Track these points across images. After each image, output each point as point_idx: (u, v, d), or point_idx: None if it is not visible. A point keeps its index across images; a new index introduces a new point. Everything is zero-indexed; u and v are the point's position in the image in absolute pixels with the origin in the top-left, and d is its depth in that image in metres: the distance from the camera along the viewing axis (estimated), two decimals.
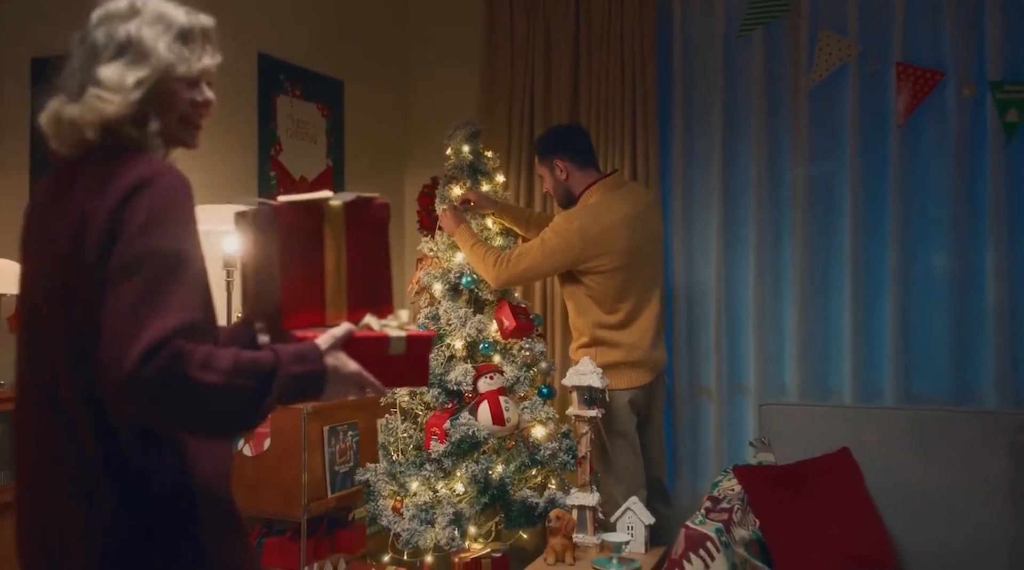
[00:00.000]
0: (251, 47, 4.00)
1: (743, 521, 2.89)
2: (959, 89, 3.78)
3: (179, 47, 1.59)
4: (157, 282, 1.35)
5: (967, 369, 3.75)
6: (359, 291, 1.74)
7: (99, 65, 1.53)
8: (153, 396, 1.32)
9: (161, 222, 1.40)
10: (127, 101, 1.51)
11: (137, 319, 1.32)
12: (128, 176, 1.44)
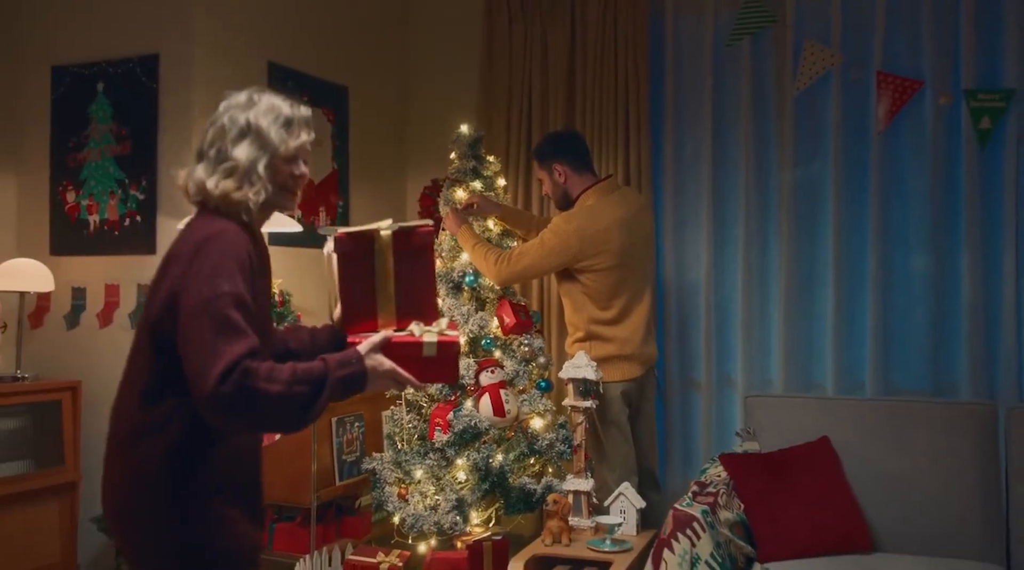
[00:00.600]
0: (261, 56, 4.17)
1: (728, 504, 3.08)
2: (936, 97, 3.97)
3: (284, 133, 1.98)
4: (223, 319, 1.76)
5: (943, 364, 3.95)
6: (406, 303, 2.10)
7: (227, 145, 1.94)
8: (231, 407, 1.73)
9: (221, 271, 1.80)
10: (246, 175, 1.93)
11: (213, 348, 1.73)
12: (202, 230, 1.88)
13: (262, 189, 1.93)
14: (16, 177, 4.18)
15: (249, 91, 2.03)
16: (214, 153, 1.95)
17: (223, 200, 1.91)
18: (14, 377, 3.74)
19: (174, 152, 3.83)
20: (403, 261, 2.10)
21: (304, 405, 1.80)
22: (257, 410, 1.76)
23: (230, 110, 1.99)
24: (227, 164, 1.92)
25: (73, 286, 4.03)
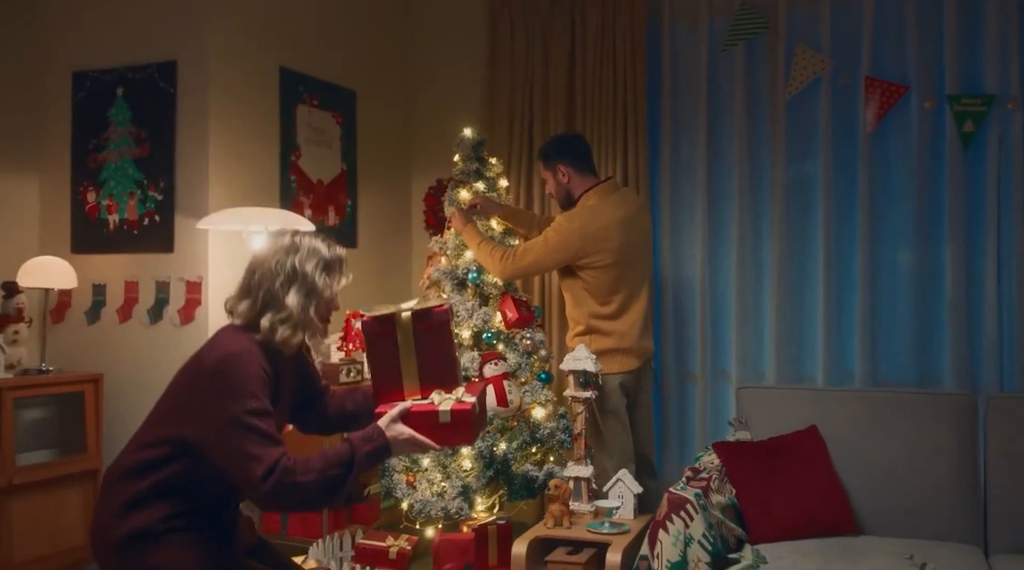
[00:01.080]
0: (273, 61, 4.34)
1: (720, 489, 3.24)
2: (921, 101, 4.13)
3: (327, 277, 2.27)
4: (254, 429, 2.04)
5: (928, 356, 4.11)
6: (427, 375, 2.33)
7: (276, 288, 2.20)
8: (277, 501, 2.05)
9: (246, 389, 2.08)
10: (300, 323, 2.21)
11: (253, 455, 2.02)
12: (220, 349, 2.14)
13: (315, 332, 2.27)
14: (39, 178, 4.34)
15: (291, 234, 2.28)
16: (263, 294, 2.20)
17: (281, 341, 2.18)
18: (39, 370, 3.90)
19: (191, 154, 4.00)
20: (422, 338, 2.33)
21: (338, 484, 2.10)
22: (301, 498, 2.07)
23: (276, 254, 2.23)
24: (283, 313, 2.18)
25: (93, 283, 4.20)
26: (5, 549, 3.60)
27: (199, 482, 2.14)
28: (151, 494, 2.10)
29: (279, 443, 2.07)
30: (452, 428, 2.25)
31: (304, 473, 2.05)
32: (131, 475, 2.13)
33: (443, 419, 2.24)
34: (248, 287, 2.23)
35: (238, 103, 4.13)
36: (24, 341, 3.87)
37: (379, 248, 5.08)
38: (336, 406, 2.51)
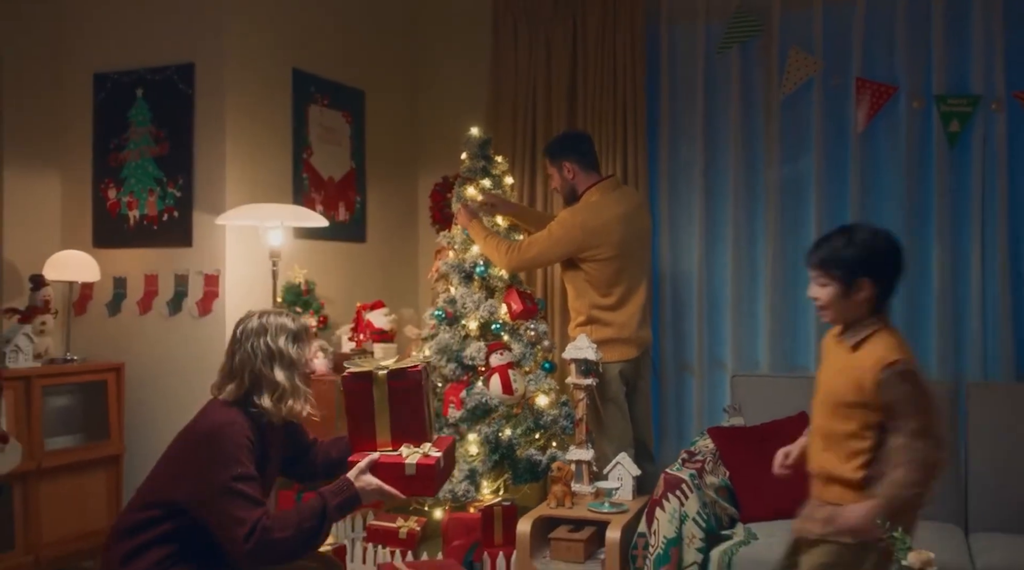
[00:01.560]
0: (286, 63, 4.50)
1: (714, 470, 3.43)
2: (910, 102, 4.27)
3: (298, 348, 2.49)
4: (239, 494, 2.26)
5: (915, 345, 4.16)
6: (398, 430, 2.55)
7: (259, 368, 2.43)
8: (259, 558, 2.26)
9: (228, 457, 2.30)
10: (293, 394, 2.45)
11: (238, 518, 2.24)
12: (209, 420, 2.40)
13: (304, 399, 2.48)
14: (61, 176, 4.51)
15: (258, 316, 2.50)
16: (248, 375, 2.42)
17: (288, 414, 2.44)
18: (64, 359, 4.07)
19: (208, 153, 4.16)
20: (396, 396, 2.55)
21: (314, 536, 2.35)
22: (279, 553, 2.30)
23: (249, 338, 2.46)
24: (278, 391, 2.42)
25: (114, 276, 4.37)
26: (34, 529, 3.77)
27: (190, 536, 2.35)
28: (146, 546, 2.33)
29: (261, 504, 2.30)
30: (417, 479, 2.46)
31: (281, 529, 2.28)
32: (129, 533, 2.37)
33: (409, 471, 2.45)
34: (231, 370, 2.46)
35: (253, 103, 4.29)
36: (50, 332, 4.04)
37: (387, 243, 5.24)
38: (323, 455, 2.74)
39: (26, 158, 4.35)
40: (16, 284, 4.26)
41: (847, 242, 2.36)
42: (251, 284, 4.20)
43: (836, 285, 2.35)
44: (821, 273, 2.38)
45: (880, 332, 2.34)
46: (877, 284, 2.33)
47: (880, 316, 2.37)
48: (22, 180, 4.33)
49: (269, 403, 2.40)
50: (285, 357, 2.45)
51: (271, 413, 2.41)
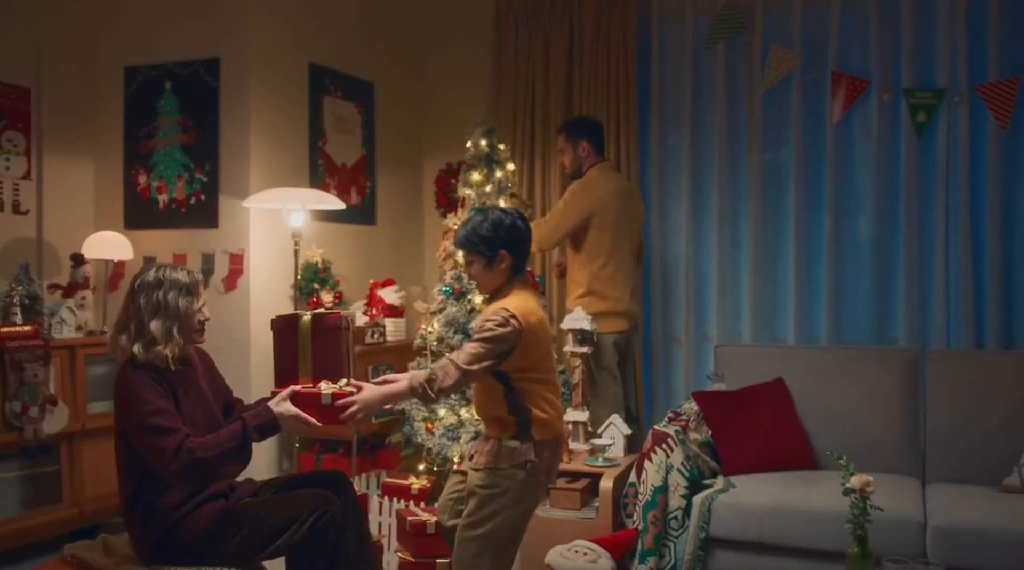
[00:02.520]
0: (303, 58, 4.83)
1: (698, 428, 3.79)
2: (880, 94, 4.63)
3: (188, 299, 2.73)
4: (153, 428, 2.56)
5: (885, 317, 4.64)
6: (318, 368, 2.87)
7: (146, 320, 2.67)
8: (187, 476, 2.58)
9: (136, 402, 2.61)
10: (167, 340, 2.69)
11: (158, 448, 2.55)
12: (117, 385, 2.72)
13: (176, 346, 2.69)
14: (94, 162, 4.85)
15: (157, 270, 2.73)
16: (135, 326, 2.67)
17: (146, 359, 2.65)
18: (101, 331, 4.41)
19: (233, 141, 4.50)
20: (318, 338, 2.88)
21: (236, 454, 2.62)
22: (203, 471, 2.59)
23: (144, 290, 2.69)
24: (146, 337, 2.65)
25: (145, 255, 4.70)
26: (79, 485, 4.12)
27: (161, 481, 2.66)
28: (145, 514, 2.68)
29: (177, 431, 2.57)
30: (332, 410, 2.73)
31: (203, 450, 2.56)
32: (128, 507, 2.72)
33: (324, 401, 2.73)
34: (122, 325, 2.71)
35: (273, 95, 4.63)
36: (89, 306, 4.38)
37: (395, 225, 5.59)
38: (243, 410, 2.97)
39: (62, 145, 4.68)
40: (54, 262, 4.60)
41: (483, 221, 2.76)
42: (273, 262, 4.56)
43: (481, 259, 2.76)
44: (468, 252, 2.79)
45: (515, 291, 2.75)
46: (513, 254, 2.74)
47: (518, 279, 2.79)
48: (59, 166, 4.67)
49: (139, 350, 2.64)
50: (169, 309, 2.68)
51: (139, 358, 2.65)
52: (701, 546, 3.42)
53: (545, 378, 2.80)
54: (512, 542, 2.78)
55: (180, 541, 2.66)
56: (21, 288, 4.01)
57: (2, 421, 3.78)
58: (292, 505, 2.74)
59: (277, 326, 2.93)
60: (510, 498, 2.70)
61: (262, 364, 4.34)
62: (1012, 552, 2.99)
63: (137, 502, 2.68)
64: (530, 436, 2.71)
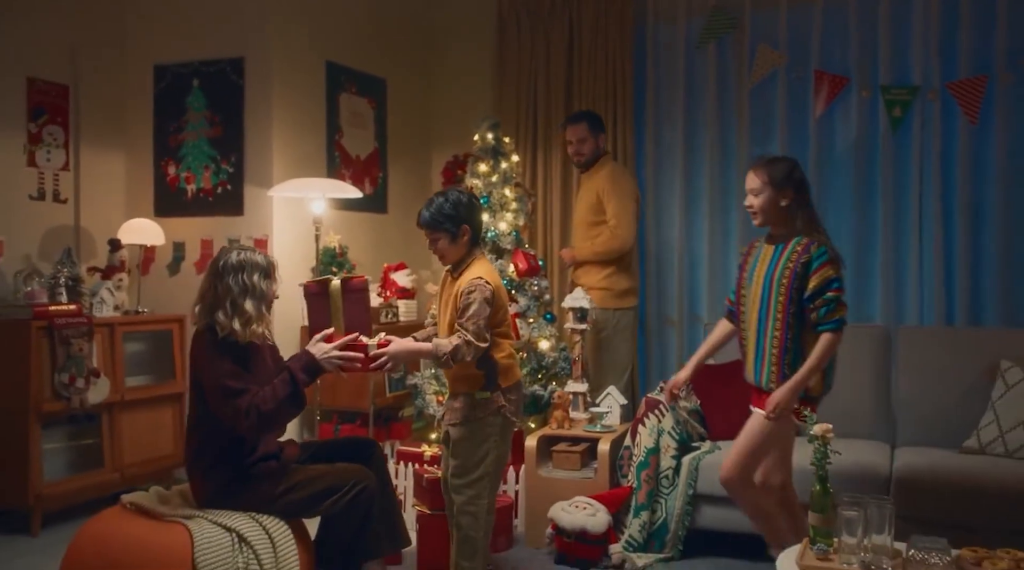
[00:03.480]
0: (321, 57, 5.18)
1: (688, 398, 4.13)
2: (859, 91, 4.97)
3: (268, 281, 3.10)
4: (231, 388, 2.93)
5: (863, 297, 4.99)
6: (349, 323, 3.18)
7: (239, 299, 3.00)
8: (258, 429, 2.97)
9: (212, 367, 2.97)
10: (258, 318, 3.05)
11: (236, 402, 2.92)
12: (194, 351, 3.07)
13: (267, 324, 3.10)
14: (125, 154, 5.19)
15: (236, 252, 3.07)
16: (229, 304, 2.99)
17: (244, 336, 2.99)
18: (136, 311, 4.76)
19: (257, 134, 4.85)
20: (347, 298, 3.20)
21: (291, 400, 2.99)
22: (271, 420, 2.98)
23: (231, 272, 3.03)
24: (245, 317, 2.99)
25: (174, 241, 5.05)
26: (118, 451, 4.48)
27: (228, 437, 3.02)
28: (211, 463, 3.03)
29: (247, 391, 2.94)
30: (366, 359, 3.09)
31: (265, 403, 2.94)
32: (193, 457, 3.08)
33: (371, 351, 3.07)
34: (212, 304, 3.02)
35: (294, 92, 4.98)
36: (126, 288, 4.72)
37: (405, 213, 5.92)
38: None
39: (97, 139, 5.02)
40: (89, 247, 4.95)
41: (444, 202, 3.18)
42: (294, 247, 4.90)
43: (447, 235, 3.16)
44: (433, 230, 3.19)
45: (476, 260, 3.17)
46: (472, 228, 3.16)
47: (477, 249, 3.21)
48: (94, 158, 5.01)
49: (238, 326, 2.98)
50: (256, 291, 3.03)
51: (239, 334, 2.98)
52: (689, 501, 3.77)
53: (506, 332, 3.20)
54: (499, 478, 3.26)
55: (236, 493, 3.01)
56: (66, 270, 4.35)
57: (52, 391, 4.13)
58: (338, 476, 3.12)
59: (311, 289, 3.25)
60: (492, 442, 3.14)
61: (286, 339, 4.68)
62: (964, 500, 3.35)
63: (203, 454, 3.04)
64: (497, 385, 3.13)
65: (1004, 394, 3.83)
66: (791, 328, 3.05)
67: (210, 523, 2.91)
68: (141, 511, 3.04)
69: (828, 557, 2.51)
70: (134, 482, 4.52)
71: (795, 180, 3.12)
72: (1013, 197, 4.68)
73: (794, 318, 3.05)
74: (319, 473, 3.13)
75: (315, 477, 3.11)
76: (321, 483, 3.09)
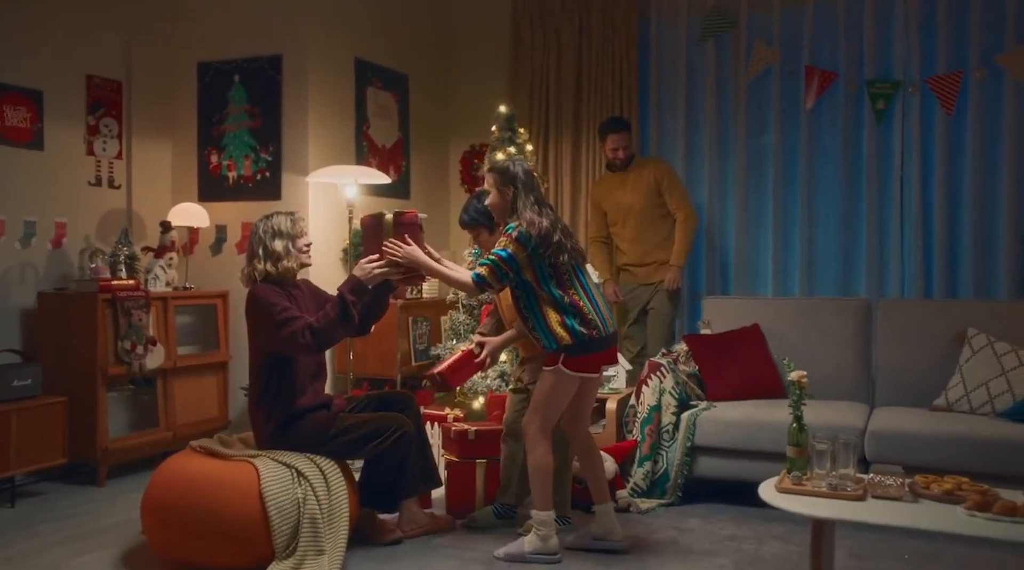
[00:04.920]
0: (350, 54, 5.62)
1: (687, 363, 4.58)
2: (846, 85, 5.41)
3: (291, 222, 3.64)
4: (283, 321, 3.40)
5: (850, 276, 5.44)
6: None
7: (268, 242, 3.57)
8: (315, 346, 3.42)
9: (272, 303, 3.45)
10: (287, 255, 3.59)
11: (292, 327, 3.38)
12: (249, 299, 3.54)
13: (295, 261, 3.60)
14: (171, 144, 5.64)
15: (264, 217, 3.62)
16: (261, 250, 3.54)
17: (277, 273, 3.53)
18: (184, 287, 5.22)
19: (293, 125, 5.30)
20: (399, 229, 3.61)
21: (341, 319, 3.41)
22: (325, 337, 3.41)
23: (256, 232, 3.59)
24: (275, 255, 3.53)
25: (216, 224, 5.51)
26: (171, 413, 4.94)
27: (290, 378, 3.49)
28: (270, 407, 3.50)
29: (300, 317, 3.42)
30: (470, 365, 3.66)
31: (318, 322, 3.40)
32: (256, 403, 3.54)
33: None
34: (251, 253, 3.59)
35: (326, 86, 5.42)
36: (175, 266, 5.18)
37: (426, 197, 6.39)
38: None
39: (146, 130, 5.47)
40: (140, 228, 5.40)
41: (477, 203, 3.65)
42: (327, 228, 5.36)
43: (485, 230, 3.61)
44: (473, 228, 3.64)
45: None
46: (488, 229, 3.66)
47: None
48: (144, 147, 5.46)
49: (271, 266, 3.52)
50: (281, 233, 3.56)
51: (272, 273, 3.52)
52: (688, 453, 4.22)
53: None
54: None
55: (292, 436, 3.48)
56: (124, 249, 4.81)
57: (115, 357, 4.60)
58: (380, 422, 3.59)
59: (366, 223, 3.64)
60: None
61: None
62: (928, 448, 3.79)
63: (263, 399, 3.50)
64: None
65: (970, 358, 4.26)
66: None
67: (272, 461, 3.37)
68: (210, 453, 3.50)
69: (802, 483, 2.96)
70: (185, 442, 4.96)
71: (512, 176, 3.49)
72: (985, 181, 5.13)
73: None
74: (363, 420, 3.59)
75: (360, 423, 3.57)
76: (365, 428, 3.55)
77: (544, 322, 3.34)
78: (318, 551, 3.26)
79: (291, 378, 3.50)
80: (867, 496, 2.86)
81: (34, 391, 4.28)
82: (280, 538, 3.22)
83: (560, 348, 3.31)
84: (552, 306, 3.32)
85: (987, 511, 2.62)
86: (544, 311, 3.34)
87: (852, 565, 3.38)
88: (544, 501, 3.41)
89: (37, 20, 4.80)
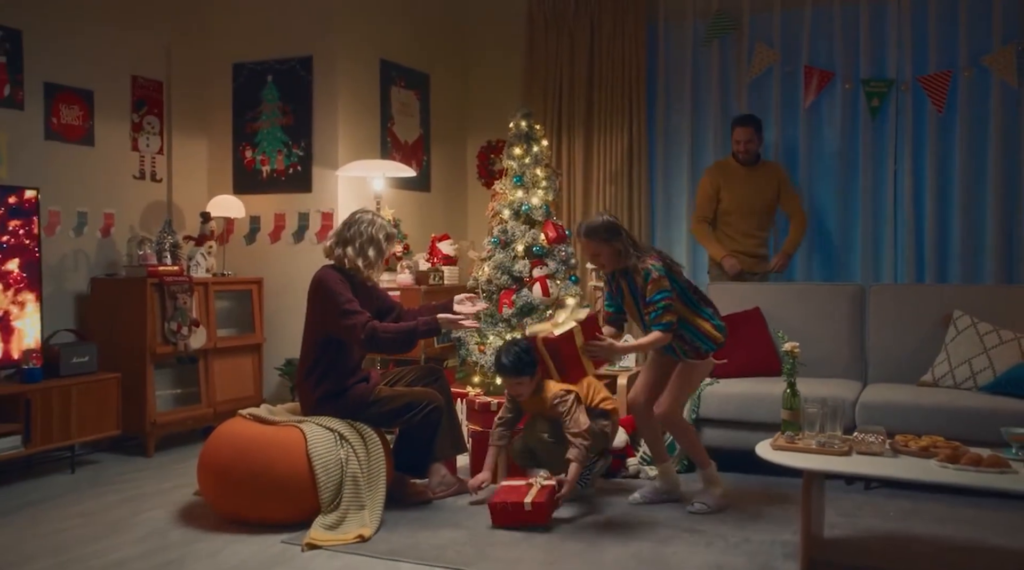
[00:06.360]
0: (376, 55, 5.97)
1: None
2: (843, 84, 5.74)
3: (388, 243, 4.02)
4: (348, 311, 3.77)
5: (847, 261, 5.78)
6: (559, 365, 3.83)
7: (364, 244, 3.91)
8: (369, 346, 3.80)
9: (338, 291, 3.80)
10: (374, 264, 3.96)
11: (354, 320, 3.76)
12: (318, 278, 3.89)
13: (379, 273, 4.03)
14: (207, 140, 6.00)
15: (372, 214, 3.98)
16: (358, 245, 3.87)
17: (358, 270, 3.89)
18: (222, 274, 5.58)
19: (324, 122, 5.66)
20: (587, 332, 3.71)
21: (404, 342, 3.79)
22: (381, 345, 3.76)
23: (362, 223, 3.93)
24: (368, 261, 3.89)
25: (251, 215, 5.87)
26: (212, 390, 5.31)
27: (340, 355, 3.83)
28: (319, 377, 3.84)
29: (363, 312, 3.75)
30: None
31: (384, 331, 3.75)
32: (305, 373, 3.88)
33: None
34: (344, 239, 3.90)
35: (354, 85, 5.78)
36: (214, 254, 5.54)
37: (445, 191, 6.74)
38: (404, 315, 4.17)
39: (185, 126, 5.84)
40: (179, 219, 5.77)
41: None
42: None
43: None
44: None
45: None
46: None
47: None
48: (182, 143, 5.83)
49: (361, 265, 3.88)
50: (379, 245, 3.92)
51: (359, 271, 3.87)
52: (694, 423, 4.56)
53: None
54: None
55: (335, 405, 3.84)
56: (169, 238, 5.17)
57: (162, 337, 4.96)
58: (414, 396, 3.95)
59: (551, 341, 3.71)
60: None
61: None
62: (911, 417, 4.13)
63: (313, 370, 3.86)
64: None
65: (955, 337, 4.60)
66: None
67: (317, 425, 3.73)
68: (258, 420, 3.86)
69: (795, 442, 3.30)
70: (223, 418, 5.32)
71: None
72: (973, 175, 5.46)
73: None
74: (399, 393, 3.95)
75: (396, 396, 3.93)
76: (401, 401, 3.91)
77: (699, 331, 3.86)
78: (359, 506, 3.62)
79: (341, 356, 3.87)
80: (852, 452, 3.20)
81: (91, 368, 4.65)
82: (325, 493, 3.58)
83: (718, 346, 3.89)
84: (699, 315, 3.87)
85: (956, 463, 2.97)
86: (696, 323, 3.85)
87: (841, 521, 3.73)
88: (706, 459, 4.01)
89: (88, 25, 5.16)
